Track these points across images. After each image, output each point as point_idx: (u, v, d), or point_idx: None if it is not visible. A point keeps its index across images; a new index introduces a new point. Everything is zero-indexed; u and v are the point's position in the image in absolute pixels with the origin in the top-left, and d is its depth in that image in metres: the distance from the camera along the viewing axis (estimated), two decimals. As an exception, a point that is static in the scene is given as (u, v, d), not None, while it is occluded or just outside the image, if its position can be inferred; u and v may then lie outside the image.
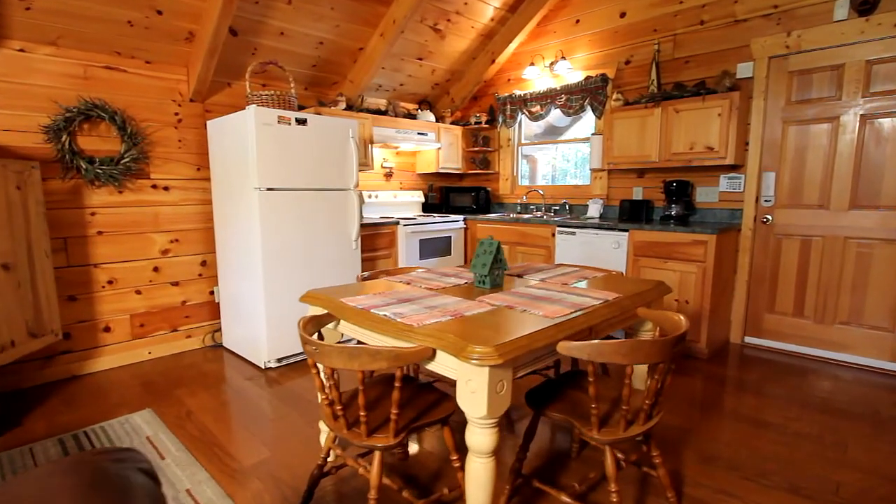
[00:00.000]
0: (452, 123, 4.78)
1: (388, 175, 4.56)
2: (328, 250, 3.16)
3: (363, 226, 3.61)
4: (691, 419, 2.31)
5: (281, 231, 2.89)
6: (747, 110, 3.24)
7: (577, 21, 4.09)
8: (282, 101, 2.89)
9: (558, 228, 3.73)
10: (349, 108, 3.90)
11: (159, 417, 2.34)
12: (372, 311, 1.53)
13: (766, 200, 3.26)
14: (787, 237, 3.21)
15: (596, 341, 1.28)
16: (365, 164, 3.91)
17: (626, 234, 3.35)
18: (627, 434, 1.38)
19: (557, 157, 4.71)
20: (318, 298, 1.76)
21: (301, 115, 2.89)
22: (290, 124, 2.84)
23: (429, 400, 1.58)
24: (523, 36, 4.20)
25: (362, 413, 1.32)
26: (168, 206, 3.18)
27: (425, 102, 4.68)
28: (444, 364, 1.31)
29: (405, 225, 3.87)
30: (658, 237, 3.20)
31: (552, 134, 4.58)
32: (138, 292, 3.10)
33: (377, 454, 1.39)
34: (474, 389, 1.22)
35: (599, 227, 3.48)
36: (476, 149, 4.81)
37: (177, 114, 3.17)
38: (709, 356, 3.14)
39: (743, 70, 3.22)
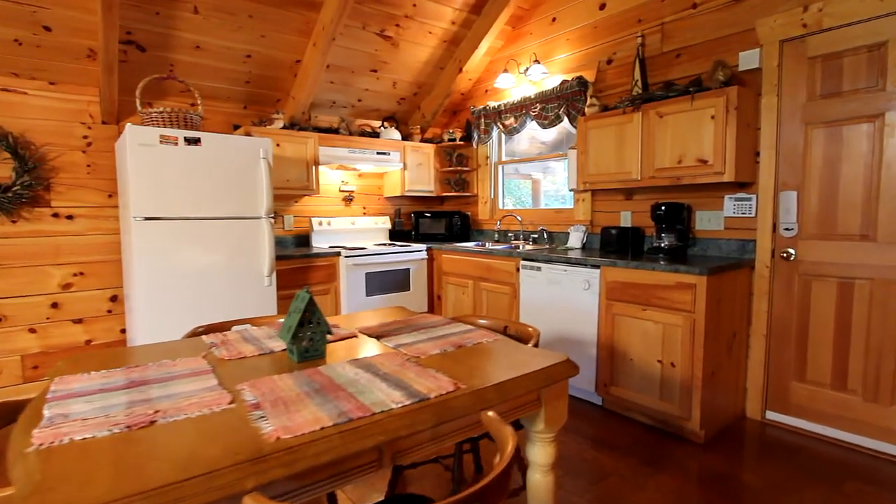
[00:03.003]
0: (423, 141, 4.28)
1: (348, 199, 4.11)
2: (233, 289, 2.72)
3: (293, 258, 3.16)
4: (640, 555, 1.57)
5: (165, 267, 2.49)
6: (755, 111, 2.47)
7: (554, 19, 3.50)
8: (175, 119, 2.54)
9: (522, 262, 3.07)
10: (291, 126, 3.52)
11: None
12: (45, 408, 1.03)
13: (786, 229, 2.44)
14: (819, 278, 2.36)
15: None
16: (307, 187, 3.49)
17: (598, 271, 2.64)
18: None
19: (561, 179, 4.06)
20: (56, 369, 1.29)
21: (193, 133, 2.52)
22: (176, 144, 2.47)
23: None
24: (491, 39, 3.66)
25: None
26: (71, 236, 2.90)
27: (391, 119, 4.23)
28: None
29: (347, 256, 3.37)
30: (634, 277, 2.47)
31: (557, 149, 3.90)
32: (32, 331, 2.81)
33: None
34: None
35: (568, 262, 2.79)
36: (451, 169, 4.28)
37: (86, 137, 2.92)
38: (707, 440, 2.33)
39: (747, 60, 2.48)
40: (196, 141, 2.52)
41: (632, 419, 2.58)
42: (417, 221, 4.22)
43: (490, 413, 1.05)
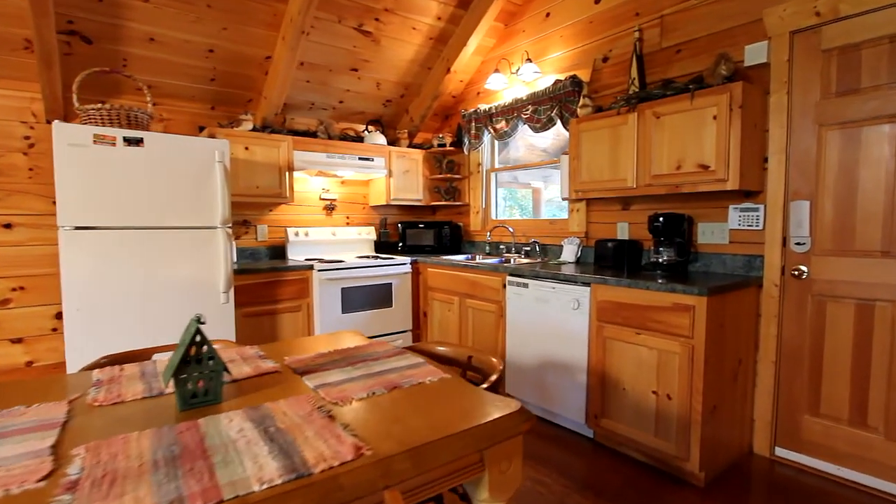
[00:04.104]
0: (412, 146, 4.03)
1: (330, 208, 3.86)
2: (183, 307, 2.46)
3: (259, 271, 2.89)
4: None
5: (101, 283, 2.22)
6: (763, 111, 2.21)
7: (547, 15, 3.26)
8: (115, 117, 2.29)
9: (509, 277, 2.80)
10: (263, 128, 3.28)
11: None
12: None
13: (797, 243, 2.17)
14: (835, 300, 2.08)
15: None
16: (279, 194, 3.24)
17: (588, 289, 2.37)
18: None
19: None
20: None
21: (133, 133, 2.27)
22: (114, 145, 2.22)
23: None
24: (480, 37, 3.42)
25: None
26: (10, 246, 2.65)
27: (377, 122, 3.99)
28: None
29: (320, 270, 3.11)
30: (626, 296, 2.19)
31: (557, 156, 3.61)
32: (-36, 351, 2.55)
33: None
34: None
35: (556, 278, 2.52)
36: (441, 176, 4.02)
37: (28, 137, 2.69)
38: (708, 483, 2.04)
39: (753, 54, 2.22)
40: (138, 141, 2.27)
41: (625, 455, 2.29)
42: (404, 232, 3.96)
43: (395, 493, 0.78)
